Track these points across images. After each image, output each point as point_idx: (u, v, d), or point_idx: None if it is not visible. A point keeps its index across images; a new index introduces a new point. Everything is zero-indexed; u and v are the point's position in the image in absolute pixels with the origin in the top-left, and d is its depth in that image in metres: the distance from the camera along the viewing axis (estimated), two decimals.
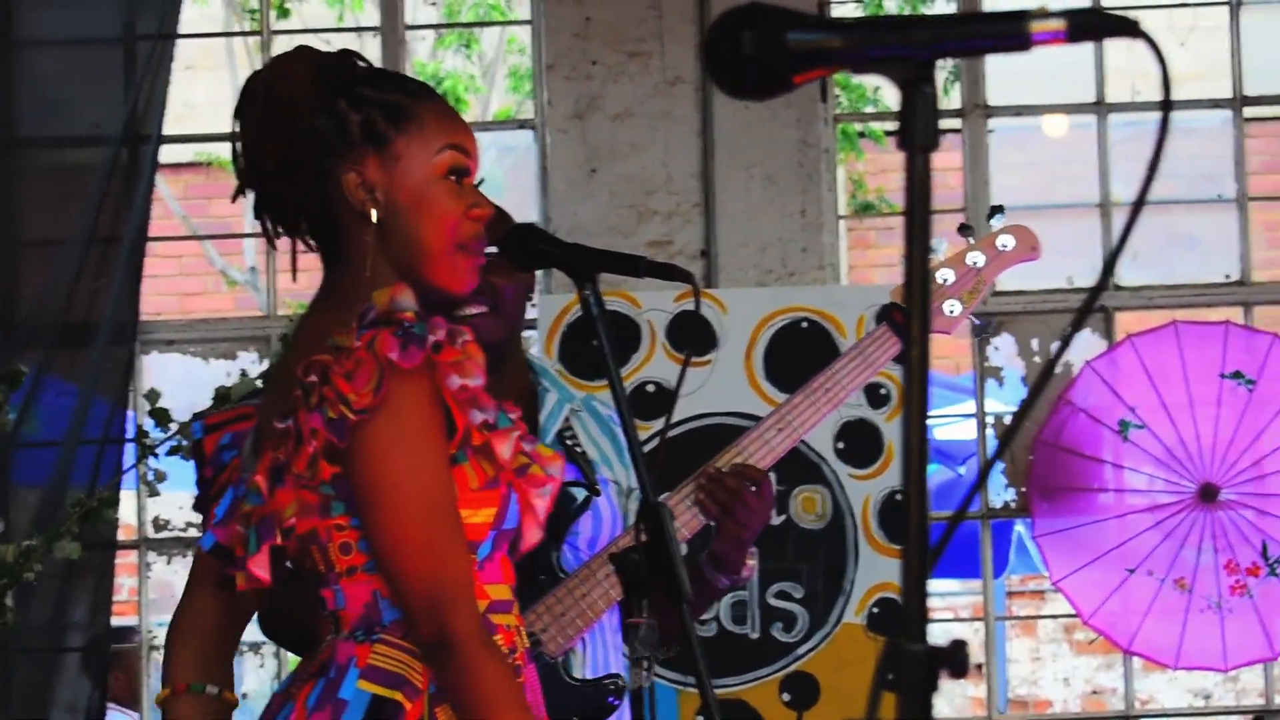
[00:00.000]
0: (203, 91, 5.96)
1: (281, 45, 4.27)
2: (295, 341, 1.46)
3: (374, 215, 1.30)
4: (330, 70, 1.35)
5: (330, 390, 1.20)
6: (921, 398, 0.73)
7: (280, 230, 1.40)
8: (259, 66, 2.13)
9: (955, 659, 0.69)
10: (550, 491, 1.31)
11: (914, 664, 0.68)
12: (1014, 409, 4.56)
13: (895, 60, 0.75)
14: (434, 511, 1.23)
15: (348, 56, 1.40)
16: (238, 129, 1.38)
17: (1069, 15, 0.74)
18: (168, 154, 4.32)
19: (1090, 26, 0.76)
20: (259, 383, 2.87)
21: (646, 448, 1.46)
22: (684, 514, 1.65)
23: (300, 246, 1.41)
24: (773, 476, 1.78)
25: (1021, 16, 0.73)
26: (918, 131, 0.72)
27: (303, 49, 1.41)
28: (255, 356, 3.88)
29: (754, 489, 1.68)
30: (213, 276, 7.49)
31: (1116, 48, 3.44)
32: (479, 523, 1.26)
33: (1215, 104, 4.28)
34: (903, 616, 0.70)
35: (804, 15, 0.78)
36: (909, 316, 0.75)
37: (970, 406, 4.25)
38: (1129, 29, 0.74)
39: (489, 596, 1.28)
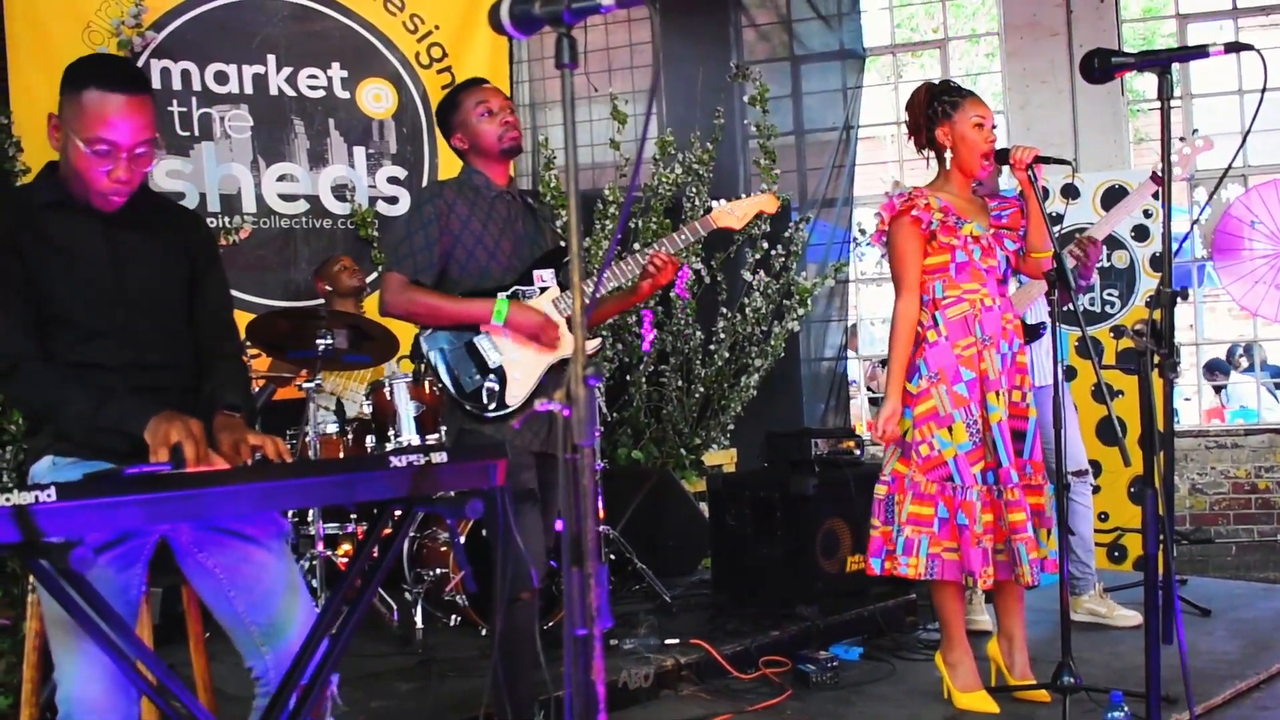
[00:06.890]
0: None
1: None
2: None
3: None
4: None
5: None
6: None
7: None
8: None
9: None
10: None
11: None
12: None
13: (1155, 65, 2.02)
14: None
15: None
16: None
17: (1226, 45, 1.99)
18: None
19: (1233, 48, 2.00)
20: None
21: None
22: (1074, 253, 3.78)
23: None
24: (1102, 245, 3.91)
25: (1203, 46, 2.00)
26: (1166, 93, 1.99)
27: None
28: None
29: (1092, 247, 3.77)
30: None
31: None
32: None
33: None
34: None
35: (1116, 51, 2.06)
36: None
37: None
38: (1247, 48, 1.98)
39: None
